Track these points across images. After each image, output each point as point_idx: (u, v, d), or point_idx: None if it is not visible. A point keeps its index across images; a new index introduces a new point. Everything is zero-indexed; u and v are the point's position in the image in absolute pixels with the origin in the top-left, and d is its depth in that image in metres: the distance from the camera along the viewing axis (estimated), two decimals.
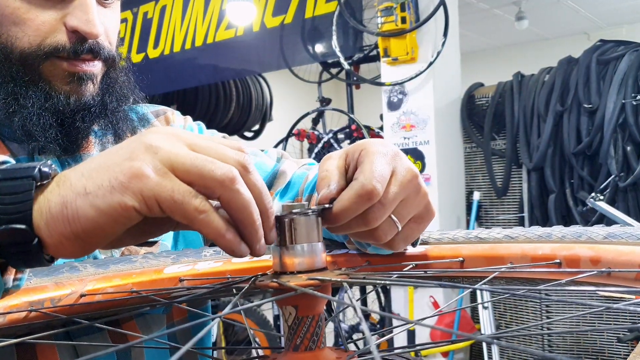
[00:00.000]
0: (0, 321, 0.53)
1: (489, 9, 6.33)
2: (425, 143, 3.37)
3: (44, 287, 0.58)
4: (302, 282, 0.43)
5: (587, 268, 0.48)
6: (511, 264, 0.53)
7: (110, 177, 0.42)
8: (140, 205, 0.41)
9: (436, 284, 0.39)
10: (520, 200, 3.39)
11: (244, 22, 4.14)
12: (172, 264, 0.65)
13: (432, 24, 3.29)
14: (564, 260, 0.50)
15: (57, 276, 0.60)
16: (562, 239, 0.52)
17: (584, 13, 6.54)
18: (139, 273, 0.63)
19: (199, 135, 0.47)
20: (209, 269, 0.65)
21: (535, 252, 0.53)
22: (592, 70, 3.05)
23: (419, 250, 0.60)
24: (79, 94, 0.74)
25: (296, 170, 0.91)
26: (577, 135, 3.10)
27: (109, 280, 0.62)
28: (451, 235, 0.61)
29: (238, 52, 4.21)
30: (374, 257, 0.63)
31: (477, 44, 7.53)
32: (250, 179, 0.44)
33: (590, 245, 0.49)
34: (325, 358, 0.44)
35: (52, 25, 0.71)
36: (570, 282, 0.47)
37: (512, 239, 0.56)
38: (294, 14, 3.93)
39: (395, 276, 0.51)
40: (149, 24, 4.53)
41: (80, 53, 0.72)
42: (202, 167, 0.42)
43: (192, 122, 0.99)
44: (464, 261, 0.57)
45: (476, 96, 3.54)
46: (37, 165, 0.43)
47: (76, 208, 0.41)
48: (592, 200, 2.86)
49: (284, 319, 0.45)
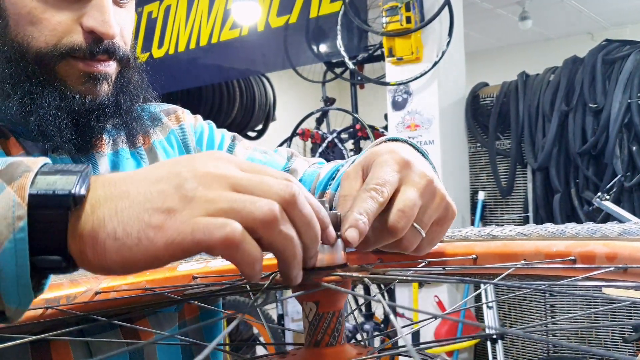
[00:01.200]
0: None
1: (493, 8, 6.32)
2: (430, 143, 3.37)
3: (59, 284, 0.58)
4: (324, 278, 0.43)
5: (602, 264, 0.48)
6: (525, 261, 0.53)
7: (139, 229, 0.41)
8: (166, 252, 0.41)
9: (458, 280, 0.39)
10: (525, 200, 3.38)
11: (249, 21, 4.15)
12: (185, 262, 0.65)
13: (437, 23, 3.28)
14: (579, 257, 0.50)
15: (71, 273, 0.60)
16: (576, 236, 0.52)
17: (588, 13, 6.52)
18: (153, 270, 0.64)
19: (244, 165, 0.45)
20: (222, 266, 0.66)
21: (550, 249, 0.53)
22: (597, 69, 3.05)
23: (432, 248, 0.60)
24: (94, 94, 0.74)
25: (307, 168, 0.91)
26: (583, 135, 3.09)
27: (123, 278, 0.62)
28: (464, 232, 0.61)
29: (242, 52, 4.21)
30: (386, 254, 0.63)
31: (481, 44, 7.52)
32: (296, 212, 0.43)
33: (606, 241, 0.49)
34: (346, 354, 0.44)
35: (68, 26, 0.71)
36: (585, 278, 0.47)
37: (525, 236, 0.56)
38: (298, 14, 3.93)
39: (411, 272, 0.51)
40: (153, 23, 4.54)
41: (97, 54, 0.72)
42: (241, 210, 0.41)
43: (202, 121, 0.99)
44: (477, 258, 0.57)
45: (481, 96, 3.53)
46: (70, 189, 0.41)
47: (104, 249, 0.41)
48: (599, 200, 2.85)
49: (305, 315, 0.45)
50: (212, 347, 0.29)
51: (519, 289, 0.39)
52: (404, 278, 0.55)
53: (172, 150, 0.91)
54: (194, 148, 0.93)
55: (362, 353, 0.44)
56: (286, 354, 0.45)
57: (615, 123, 2.94)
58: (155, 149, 0.89)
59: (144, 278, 0.64)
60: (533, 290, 0.38)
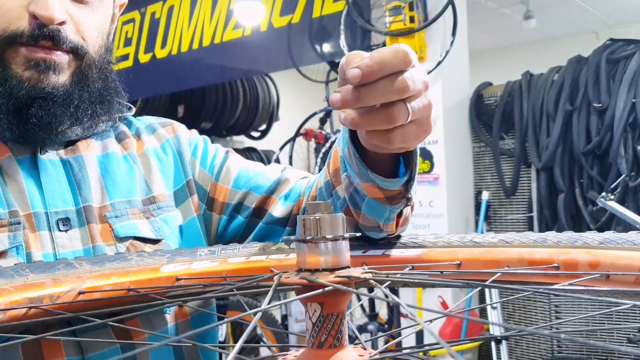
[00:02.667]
0: (0, 317, 0.53)
1: (497, 8, 6.29)
2: (434, 142, 3.36)
3: (42, 283, 0.58)
4: (329, 279, 0.43)
5: (584, 272, 0.47)
6: (508, 267, 0.53)
7: None
8: None
9: (464, 284, 0.39)
10: (529, 200, 3.36)
11: (252, 22, 4.14)
12: (168, 263, 0.65)
13: (441, 23, 3.27)
14: (562, 264, 0.49)
15: (54, 273, 0.60)
16: (558, 244, 0.51)
17: (593, 12, 6.48)
18: (136, 271, 0.63)
19: None
20: (206, 268, 0.65)
21: (533, 256, 0.52)
22: (602, 69, 3.03)
23: (416, 253, 0.60)
24: (37, 81, 0.74)
25: (299, 179, 0.93)
26: (587, 134, 3.07)
27: (106, 278, 0.62)
28: (446, 239, 0.60)
29: (245, 52, 4.21)
30: (369, 258, 0.62)
31: (485, 43, 7.49)
32: None
33: (588, 249, 0.48)
34: (349, 355, 0.44)
35: (17, 12, 0.72)
36: (569, 285, 0.46)
37: (508, 244, 0.55)
38: (301, 14, 3.92)
39: (416, 275, 0.51)
40: (156, 24, 4.55)
41: (38, 38, 0.72)
42: None
43: (197, 135, 1.00)
44: (461, 264, 0.56)
45: (485, 95, 3.52)
46: None
47: None
48: (603, 200, 2.83)
49: (308, 316, 0.45)
50: (234, 353, 0.28)
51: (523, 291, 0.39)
52: (407, 280, 0.55)
53: (166, 157, 0.92)
54: (189, 159, 0.93)
55: (363, 355, 0.44)
56: (288, 354, 0.45)
57: (619, 122, 2.92)
58: (148, 154, 0.90)
59: (128, 279, 0.63)
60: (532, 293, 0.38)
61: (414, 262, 0.59)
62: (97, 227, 0.78)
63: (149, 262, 0.64)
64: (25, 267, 0.59)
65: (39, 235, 0.73)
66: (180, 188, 0.90)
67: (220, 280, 0.64)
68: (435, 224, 3.35)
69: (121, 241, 0.79)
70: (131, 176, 0.86)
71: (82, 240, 0.76)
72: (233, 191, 0.92)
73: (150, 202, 0.85)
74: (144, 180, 0.87)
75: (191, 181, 0.92)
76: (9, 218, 0.72)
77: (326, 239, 0.45)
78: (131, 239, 0.80)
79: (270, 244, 0.70)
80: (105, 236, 0.78)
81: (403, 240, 0.64)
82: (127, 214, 0.81)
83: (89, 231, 0.77)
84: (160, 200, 0.86)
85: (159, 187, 0.87)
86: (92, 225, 0.77)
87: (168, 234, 0.84)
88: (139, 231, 0.81)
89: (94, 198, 0.80)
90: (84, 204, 0.78)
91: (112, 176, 0.84)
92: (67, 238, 0.75)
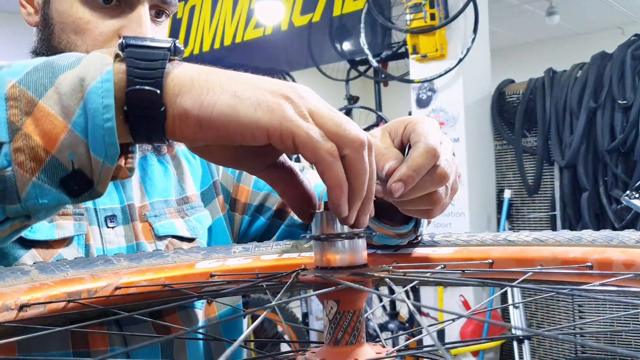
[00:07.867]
0: (40, 310, 0.55)
1: (519, 4, 6.23)
2: (455, 141, 3.35)
3: (80, 278, 0.59)
4: (345, 277, 0.43)
5: (619, 271, 0.47)
6: (541, 266, 0.53)
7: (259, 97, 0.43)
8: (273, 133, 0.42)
9: (478, 282, 0.39)
10: (552, 198, 3.33)
11: (273, 21, 4.16)
12: (203, 260, 0.66)
13: (462, 20, 3.25)
14: (596, 263, 0.49)
15: (92, 269, 0.61)
16: (593, 243, 0.51)
17: (618, 7, 6.38)
18: (172, 267, 0.65)
19: None
20: (239, 265, 0.66)
21: (566, 255, 0.52)
22: (627, 65, 2.98)
23: (448, 252, 0.60)
24: None
25: (317, 181, 0.93)
26: (611, 132, 3.03)
27: (142, 274, 0.63)
28: (479, 237, 0.60)
29: (266, 51, 4.23)
30: (401, 257, 0.63)
31: (507, 40, 7.42)
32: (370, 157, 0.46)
33: (623, 249, 0.48)
34: (366, 353, 0.44)
35: (108, 36, 0.76)
36: (602, 284, 0.46)
37: (542, 242, 0.55)
38: (322, 12, 3.93)
39: (429, 274, 0.51)
40: (178, 24, 4.59)
41: None
42: (339, 124, 0.44)
43: None
44: (493, 263, 0.57)
45: (507, 93, 3.49)
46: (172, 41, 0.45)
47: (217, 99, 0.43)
48: (627, 199, 2.79)
49: (325, 314, 0.46)
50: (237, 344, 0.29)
51: (540, 291, 0.39)
52: (424, 279, 0.55)
53: (194, 159, 0.95)
54: None
55: (381, 352, 0.44)
56: (306, 351, 0.46)
57: None
58: (179, 156, 0.93)
59: (163, 275, 0.65)
60: (556, 293, 0.38)
61: (446, 260, 0.59)
62: (139, 225, 0.81)
63: (185, 259, 0.66)
64: (66, 263, 0.61)
65: (91, 229, 0.76)
66: (207, 189, 0.93)
67: (252, 277, 0.65)
68: (456, 223, 3.34)
69: (160, 239, 0.82)
70: (167, 177, 0.88)
71: (126, 237, 0.79)
72: (254, 192, 0.94)
73: (184, 202, 0.88)
74: (177, 181, 0.90)
75: (217, 182, 0.94)
76: (72, 208, 0.74)
77: (342, 236, 0.46)
78: (170, 238, 0.83)
79: (302, 242, 0.71)
80: (146, 234, 0.81)
81: (436, 239, 0.65)
82: (164, 213, 0.84)
83: (133, 229, 0.80)
84: (193, 201, 0.89)
85: (190, 188, 0.90)
86: (135, 223, 0.80)
87: (202, 233, 0.87)
88: (177, 230, 0.84)
89: (134, 197, 0.82)
90: (128, 202, 0.81)
91: (150, 177, 0.87)
92: (114, 234, 0.78)
